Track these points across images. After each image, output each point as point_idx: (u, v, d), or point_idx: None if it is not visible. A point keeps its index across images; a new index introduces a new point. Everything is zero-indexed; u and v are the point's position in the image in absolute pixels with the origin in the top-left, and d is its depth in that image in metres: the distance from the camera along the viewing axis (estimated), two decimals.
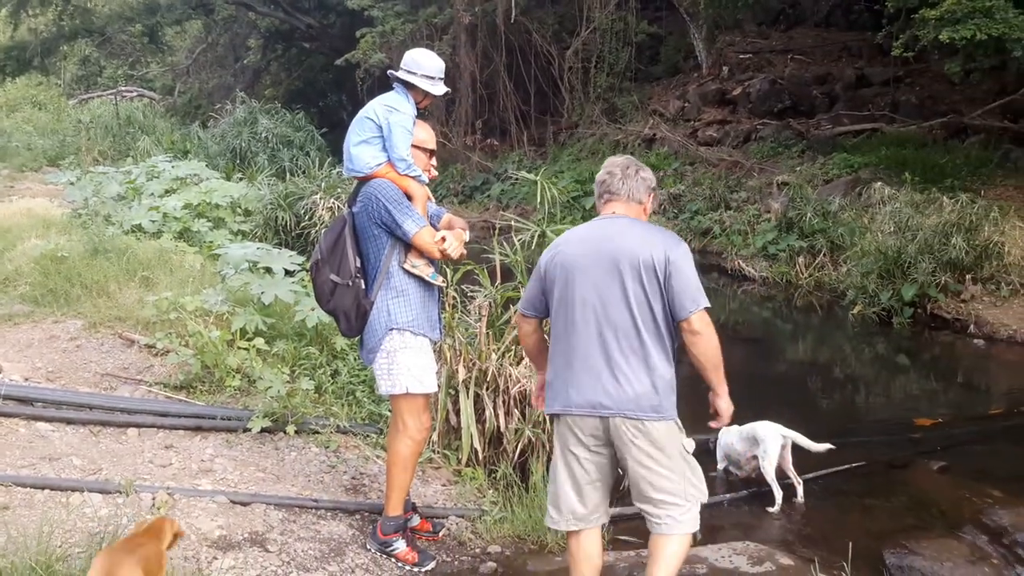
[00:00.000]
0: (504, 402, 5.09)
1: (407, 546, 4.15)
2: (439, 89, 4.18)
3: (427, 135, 4.22)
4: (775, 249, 12.99)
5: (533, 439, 5.06)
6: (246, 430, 5.23)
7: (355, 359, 6.10)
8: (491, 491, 4.92)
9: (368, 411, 5.69)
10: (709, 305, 3.48)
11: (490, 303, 5.47)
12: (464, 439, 5.08)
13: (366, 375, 5.95)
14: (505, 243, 5.75)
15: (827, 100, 18.59)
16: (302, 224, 9.11)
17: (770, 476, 5.09)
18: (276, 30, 32.42)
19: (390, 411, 4.44)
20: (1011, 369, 8.77)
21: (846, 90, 18.50)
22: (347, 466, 5.11)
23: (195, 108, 31.60)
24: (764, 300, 12.24)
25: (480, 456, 5.11)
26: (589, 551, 3.58)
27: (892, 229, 10.63)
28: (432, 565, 4.12)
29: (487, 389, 5.13)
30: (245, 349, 6.00)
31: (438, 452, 5.24)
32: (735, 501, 5.24)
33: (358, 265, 4.02)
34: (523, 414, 5.10)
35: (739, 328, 11.26)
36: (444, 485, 4.96)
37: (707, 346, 3.48)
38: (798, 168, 15.72)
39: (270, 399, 5.36)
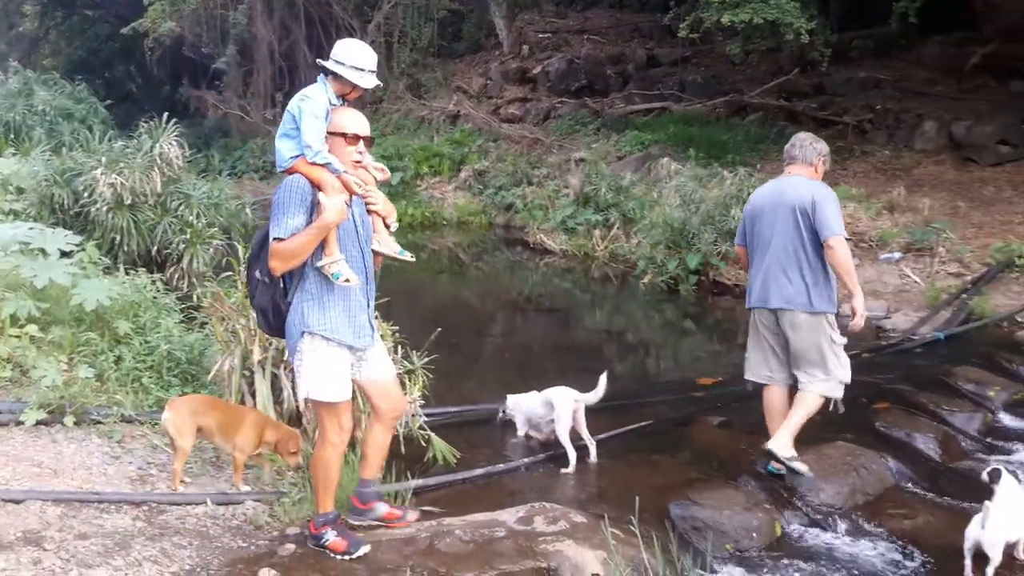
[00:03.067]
0: None
1: (337, 536, 4.03)
2: (368, 81, 3.86)
3: (349, 120, 3.89)
4: (573, 223, 13.44)
5: None
6: (19, 423, 4.85)
7: (140, 344, 5.78)
8: (290, 473, 4.81)
9: (156, 397, 5.41)
10: (844, 233, 4.86)
11: None
12: None
13: (153, 360, 5.66)
14: None
15: (620, 79, 19.37)
16: (81, 202, 8.47)
17: (564, 438, 5.27)
18: None
19: None
20: None
21: (638, 70, 19.34)
22: (133, 456, 4.84)
23: None
24: (564, 272, 12.65)
25: None
26: (771, 400, 5.21)
27: (678, 202, 11.26)
28: (365, 550, 3.99)
29: (284, 368, 5.00)
30: (17, 337, 5.55)
31: None
32: (533, 465, 5.38)
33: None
34: None
35: (541, 299, 11.60)
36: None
37: (840, 259, 4.83)
38: (594, 145, 16.31)
39: (45, 389, 4.99)
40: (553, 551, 4.02)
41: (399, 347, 5.42)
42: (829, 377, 4.97)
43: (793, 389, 5.18)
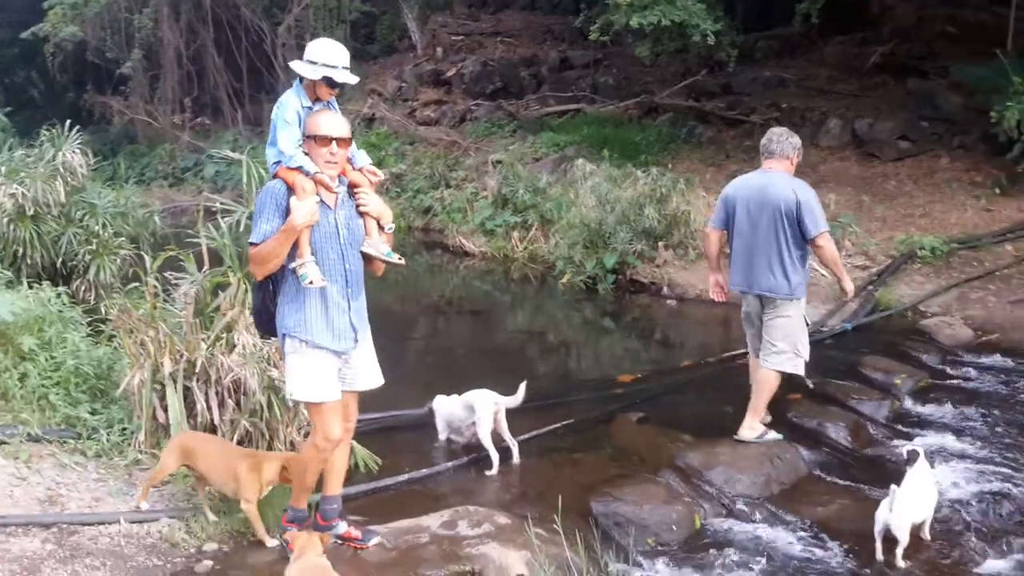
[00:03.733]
0: (217, 393, 4.86)
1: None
2: (341, 76, 3.82)
3: (324, 122, 3.80)
4: (492, 225, 13.45)
5: (251, 429, 4.89)
6: None
7: (46, 360, 5.56)
8: (207, 488, 4.70)
9: (64, 415, 5.22)
10: (828, 229, 5.43)
11: (197, 290, 5.19)
12: (174, 435, 4.80)
13: (60, 376, 5.46)
14: (212, 227, 5.46)
15: (535, 82, 19.50)
16: None
17: (486, 441, 5.29)
18: None
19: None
20: (699, 325, 9.76)
21: (551, 72, 19.51)
22: (41, 477, 4.67)
23: None
24: (484, 274, 12.66)
25: None
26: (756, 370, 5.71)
27: (594, 203, 11.36)
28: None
29: (197, 381, 4.88)
30: None
31: (145, 452, 4.92)
32: (457, 468, 5.39)
33: None
34: (238, 404, 4.90)
35: (462, 302, 11.60)
36: (155, 486, 4.67)
37: (828, 253, 5.51)
38: (510, 147, 16.37)
39: None
40: (477, 554, 4.03)
41: None
42: (792, 354, 5.52)
43: None
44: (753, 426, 5.59)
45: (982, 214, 11.21)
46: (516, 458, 5.42)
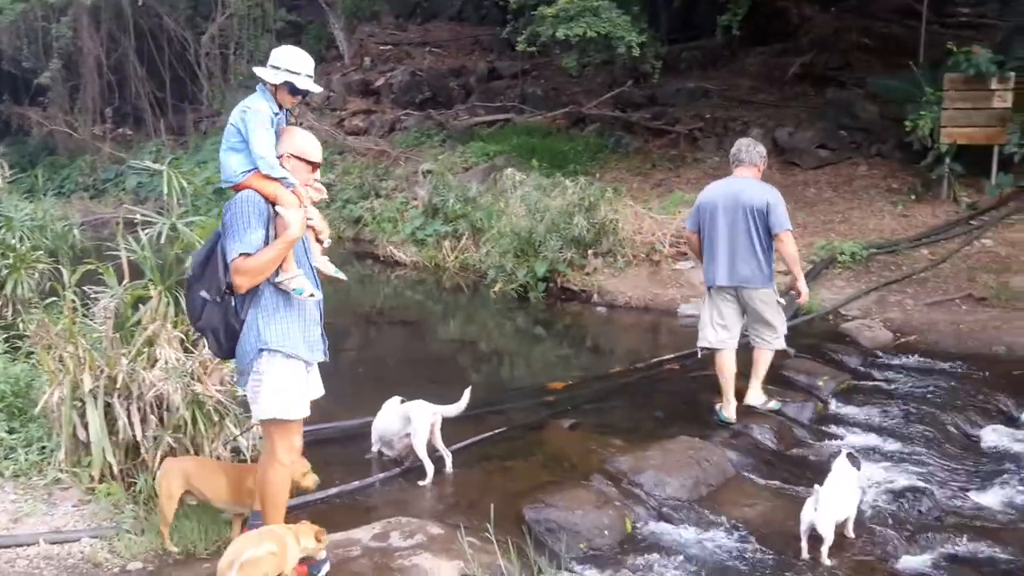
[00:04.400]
0: (140, 409, 4.74)
1: None
2: (305, 84, 3.86)
3: (310, 145, 3.90)
4: (423, 234, 13.43)
5: (175, 445, 4.78)
6: None
7: None
8: (130, 506, 4.58)
9: None
10: (791, 228, 6.17)
11: (117, 304, 5.07)
12: (95, 453, 4.67)
13: None
14: (132, 239, 5.33)
15: (463, 92, 19.53)
16: None
17: (421, 452, 5.26)
18: None
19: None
20: (628, 331, 9.89)
21: (480, 82, 19.56)
22: None
23: None
24: (416, 284, 12.62)
25: (115, 470, 4.72)
26: (723, 363, 6.26)
27: (524, 212, 11.44)
28: (326, 568, 3.95)
29: (119, 397, 4.76)
30: None
31: (66, 471, 4.77)
32: (389, 480, 5.35)
33: (229, 281, 3.72)
34: (162, 420, 4.79)
35: (394, 312, 11.53)
36: (75, 505, 4.54)
37: (788, 249, 6.16)
38: (440, 157, 16.34)
39: None
40: (410, 565, 4.02)
41: None
42: (777, 333, 6.26)
43: (741, 351, 6.39)
44: (757, 395, 6.40)
45: (899, 220, 11.61)
46: (449, 468, 5.41)
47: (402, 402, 5.53)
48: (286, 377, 3.80)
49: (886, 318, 8.96)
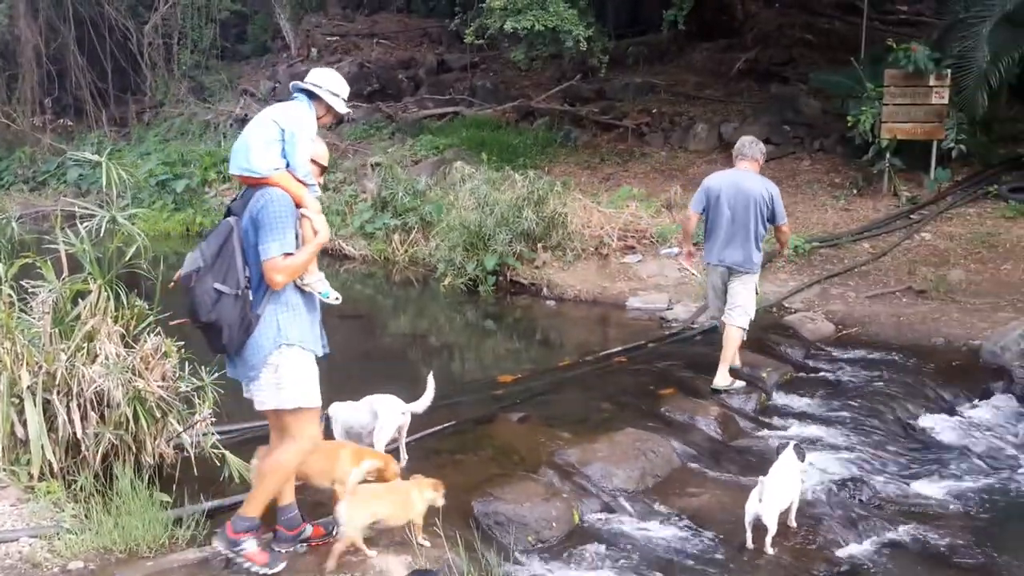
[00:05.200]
0: (80, 405, 4.64)
1: (257, 546, 3.93)
2: (342, 107, 4.11)
3: (323, 150, 4.13)
4: (372, 228, 13.34)
5: (116, 442, 4.70)
6: None
7: None
8: (71, 504, 4.49)
9: None
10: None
11: (56, 298, 4.95)
12: (34, 451, 4.56)
13: None
14: (71, 232, 5.21)
15: (412, 84, 19.44)
16: None
17: (381, 447, 5.21)
18: None
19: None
20: (577, 324, 9.96)
21: (429, 75, 19.49)
22: None
23: None
24: (366, 277, 12.55)
25: (55, 468, 4.63)
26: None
27: (474, 205, 11.42)
28: (282, 566, 3.95)
29: (58, 393, 4.65)
30: None
31: (4, 469, 4.65)
32: None
33: (248, 275, 3.79)
34: (103, 417, 4.70)
35: (343, 306, 11.34)
36: (13, 505, 4.43)
37: (785, 236, 7.26)
38: (389, 149, 16.27)
39: None
40: (357, 561, 4.01)
41: (186, 364, 5.19)
42: (745, 314, 6.76)
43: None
44: (724, 377, 6.74)
45: (841, 214, 11.85)
46: (404, 461, 5.39)
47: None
48: (305, 368, 3.93)
49: (828, 310, 9.15)
